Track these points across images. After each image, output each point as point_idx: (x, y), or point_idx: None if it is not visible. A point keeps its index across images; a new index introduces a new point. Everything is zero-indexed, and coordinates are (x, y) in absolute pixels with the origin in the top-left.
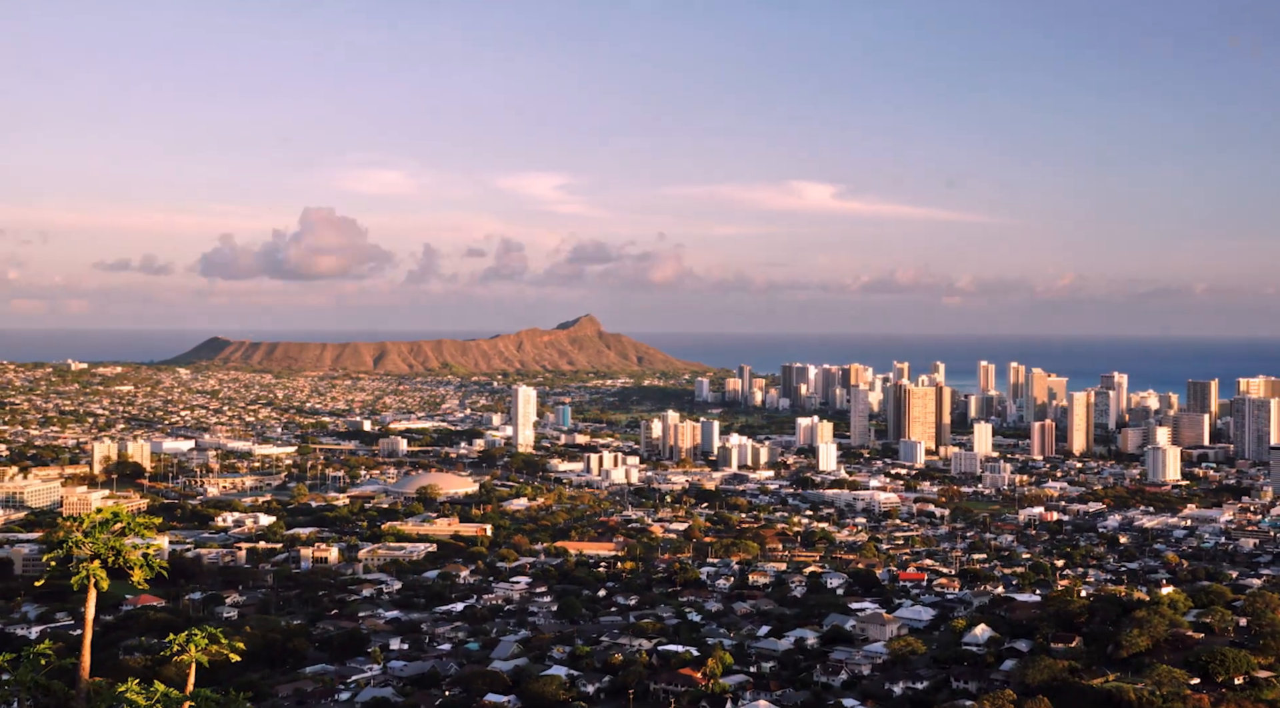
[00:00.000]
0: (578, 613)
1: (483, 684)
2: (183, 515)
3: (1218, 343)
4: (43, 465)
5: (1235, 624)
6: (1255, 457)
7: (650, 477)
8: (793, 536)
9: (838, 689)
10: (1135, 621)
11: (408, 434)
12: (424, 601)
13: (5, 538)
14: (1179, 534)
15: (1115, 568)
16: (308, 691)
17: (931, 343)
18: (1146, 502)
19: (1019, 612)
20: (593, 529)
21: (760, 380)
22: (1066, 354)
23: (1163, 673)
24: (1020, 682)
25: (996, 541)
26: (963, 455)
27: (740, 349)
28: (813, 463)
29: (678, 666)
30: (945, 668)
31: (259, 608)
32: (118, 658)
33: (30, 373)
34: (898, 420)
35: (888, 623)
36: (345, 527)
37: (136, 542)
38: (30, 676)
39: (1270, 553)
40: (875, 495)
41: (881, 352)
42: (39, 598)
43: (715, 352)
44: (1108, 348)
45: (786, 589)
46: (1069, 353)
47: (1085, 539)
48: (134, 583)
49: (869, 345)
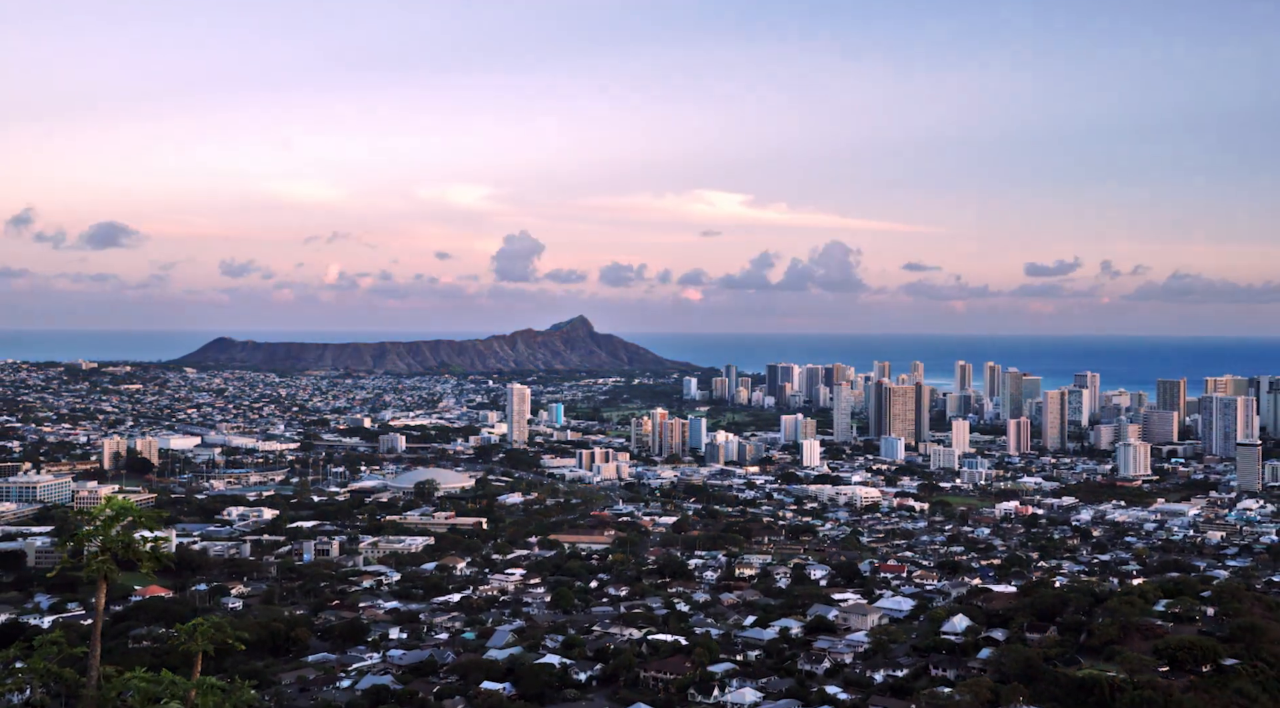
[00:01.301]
0: (570, 604)
1: (479, 672)
2: (189, 510)
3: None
4: (55, 461)
5: (1203, 614)
6: (1222, 453)
7: (640, 472)
8: (778, 529)
9: (821, 677)
10: (1107, 611)
11: (407, 431)
12: (422, 592)
13: (18, 531)
14: (1149, 527)
15: (1088, 560)
16: (310, 678)
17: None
18: (1118, 496)
19: (996, 602)
20: (585, 523)
21: (746, 379)
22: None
23: (1133, 661)
24: (997, 669)
25: (974, 534)
26: (941, 452)
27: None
28: (797, 459)
29: (667, 654)
30: (925, 656)
31: (263, 599)
32: (127, 647)
33: (43, 372)
34: (879, 418)
35: (869, 613)
36: (346, 520)
37: (145, 535)
38: (43, 664)
39: (1236, 545)
40: (857, 490)
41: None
42: (51, 589)
43: (702, 351)
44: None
45: (771, 581)
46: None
47: (1059, 532)
48: (142, 574)
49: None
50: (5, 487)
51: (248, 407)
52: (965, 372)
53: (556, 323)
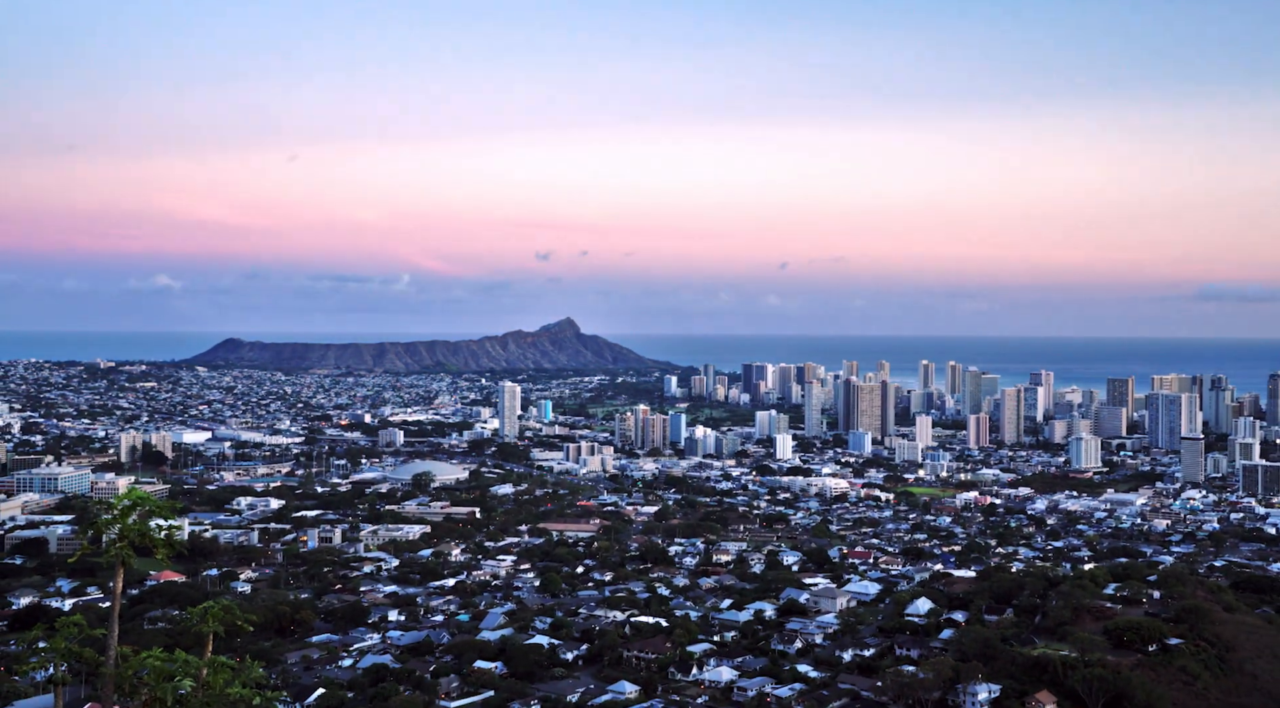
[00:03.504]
0: (558, 588)
1: (472, 652)
2: (201, 500)
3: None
4: (75, 454)
5: (1149, 597)
6: (1168, 446)
7: (624, 465)
8: (752, 518)
9: (793, 656)
10: (1060, 594)
11: (404, 426)
12: (419, 577)
13: (41, 520)
14: (1099, 516)
15: (1043, 546)
16: (314, 657)
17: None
18: (1070, 487)
19: (956, 586)
20: (571, 512)
21: (723, 377)
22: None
23: (1084, 641)
24: (958, 649)
25: (936, 522)
26: (906, 445)
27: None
28: (771, 452)
29: (648, 635)
30: (890, 637)
31: (270, 583)
32: (143, 628)
33: (64, 370)
34: (847, 414)
35: (838, 597)
36: (348, 510)
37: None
38: (65, 644)
39: (1180, 533)
40: (827, 481)
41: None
42: (72, 574)
43: (681, 350)
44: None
45: (747, 566)
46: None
47: (1016, 521)
48: (157, 560)
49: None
50: (29, 478)
51: (255, 403)
52: (928, 370)
53: (545, 324)
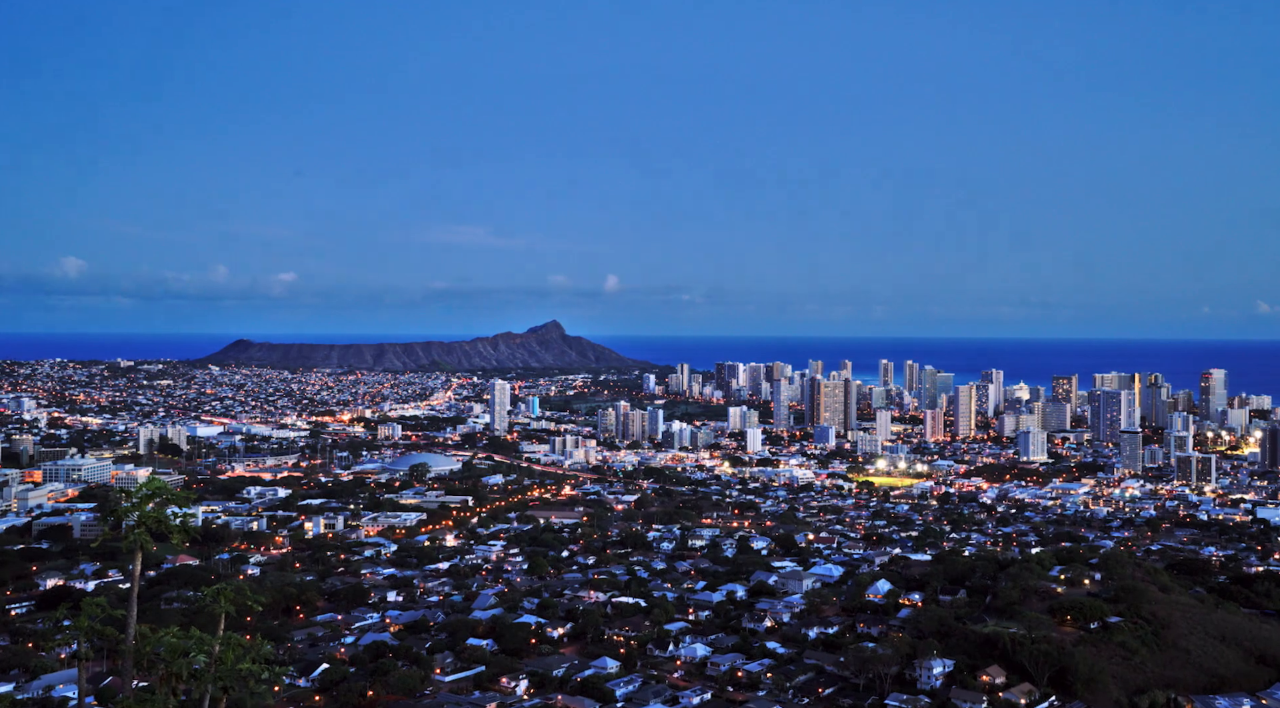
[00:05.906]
0: (545, 571)
1: (465, 630)
2: (213, 489)
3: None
4: (97, 447)
5: (1091, 578)
6: (1109, 439)
7: (606, 457)
8: (725, 506)
9: (762, 634)
10: (1009, 576)
11: (402, 421)
12: (416, 560)
13: (66, 507)
14: (1046, 504)
15: (993, 532)
16: (318, 635)
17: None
18: (1019, 477)
19: (913, 569)
20: (557, 501)
21: (698, 375)
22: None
23: (1032, 619)
24: (915, 627)
25: (894, 510)
26: (867, 438)
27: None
28: (742, 445)
29: (629, 614)
30: (852, 616)
31: (277, 566)
32: (160, 608)
33: (87, 369)
34: (813, 409)
35: (804, 579)
36: (349, 498)
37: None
38: (88, 622)
39: (1120, 519)
40: (794, 472)
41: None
42: (95, 558)
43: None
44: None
45: (719, 551)
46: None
47: (968, 508)
48: (173, 545)
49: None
50: (54, 469)
51: (264, 399)
52: (888, 369)
53: (533, 326)
